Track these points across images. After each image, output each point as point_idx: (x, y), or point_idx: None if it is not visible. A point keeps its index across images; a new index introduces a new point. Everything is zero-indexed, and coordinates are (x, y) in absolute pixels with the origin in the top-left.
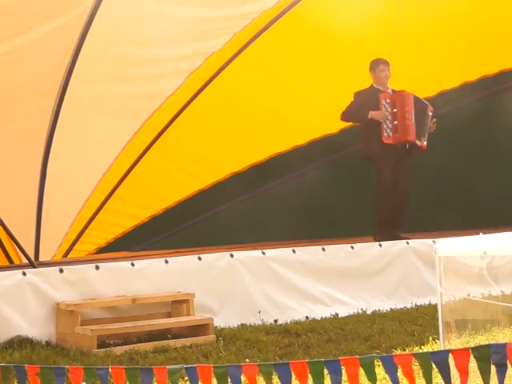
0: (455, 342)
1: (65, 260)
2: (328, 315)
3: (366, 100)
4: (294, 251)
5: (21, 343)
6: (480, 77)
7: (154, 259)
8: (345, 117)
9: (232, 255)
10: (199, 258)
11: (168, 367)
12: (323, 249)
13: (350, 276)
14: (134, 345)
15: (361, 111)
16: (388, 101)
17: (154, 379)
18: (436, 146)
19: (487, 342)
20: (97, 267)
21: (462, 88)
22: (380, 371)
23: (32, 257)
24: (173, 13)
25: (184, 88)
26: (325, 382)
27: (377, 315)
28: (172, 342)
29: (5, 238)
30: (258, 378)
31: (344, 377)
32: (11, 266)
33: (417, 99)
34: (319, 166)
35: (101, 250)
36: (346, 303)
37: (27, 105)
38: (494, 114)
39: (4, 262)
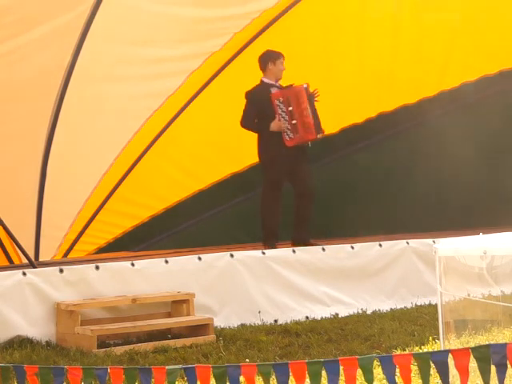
0: (455, 342)
1: (65, 260)
2: (328, 315)
3: (260, 103)
4: (293, 251)
5: (21, 343)
6: (480, 77)
7: (154, 259)
8: (245, 125)
9: (232, 255)
10: (199, 258)
11: (167, 367)
12: (323, 249)
13: (350, 276)
14: (134, 345)
15: (263, 122)
16: (281, 99)
17: (153, 380)
18: (435, 147)
19: (487, 342)
20: (97, 267)
21: (462, 88)
22: (380, 371)
23: (32, 257)
24: (173, 13)
25: (184, 88)
26: (324, 382)
27: (377, 315)
28: (172, 342)
29: (5, 238)
30: (257, 378)
31: (343, 377)
32: (11, 266)
33: (306, 90)
34: (319, 167)
35: (101, 250)
36: (346, 303)
37: (27, 105)
38: (494, 114)
39: (4, 262)
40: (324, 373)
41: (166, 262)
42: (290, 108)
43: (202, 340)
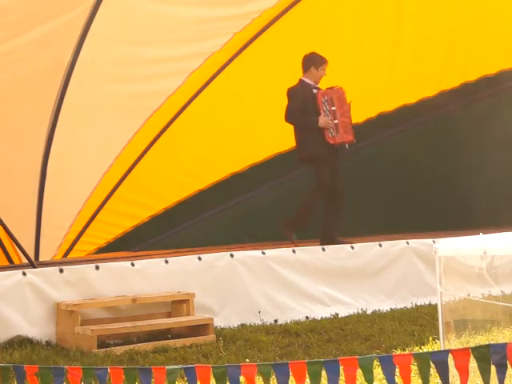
0: (455, 342)
1: (65, 260)
2: (328, 315)
3: (302, 101)
4: (293, 251)
5: (21, 343)
6: (480, 77)
7: (154, 259)
8: (292, 120)
9: (232, 255)
10: (199, 258)
11: (167, 367)
12: (323, 249)
13: (350, 276)
14: (134, 345)
15: (310, 117)
16: (326, 98)
17: (153, 380)
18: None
19: (487, 342)
20: (97, 267)
21: (462, 88)
22: (380, 371)
23: (32, 257)
24: (173, 13)
25: (184, 88)
26: (324, 382)
27: (377, 315)
28: (172, 342)
29: (5, 238)
30: (257, 378)
31: (343, 377)
32: (11, 266)
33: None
34: None
35: (101, 250)
36: (346, 303)
37: (27, 105)
38: (494, 114)
39: (4, 262)
40: (324, 373)
41: (166, 262)
42: (334, 108)
43: (202, 340)
